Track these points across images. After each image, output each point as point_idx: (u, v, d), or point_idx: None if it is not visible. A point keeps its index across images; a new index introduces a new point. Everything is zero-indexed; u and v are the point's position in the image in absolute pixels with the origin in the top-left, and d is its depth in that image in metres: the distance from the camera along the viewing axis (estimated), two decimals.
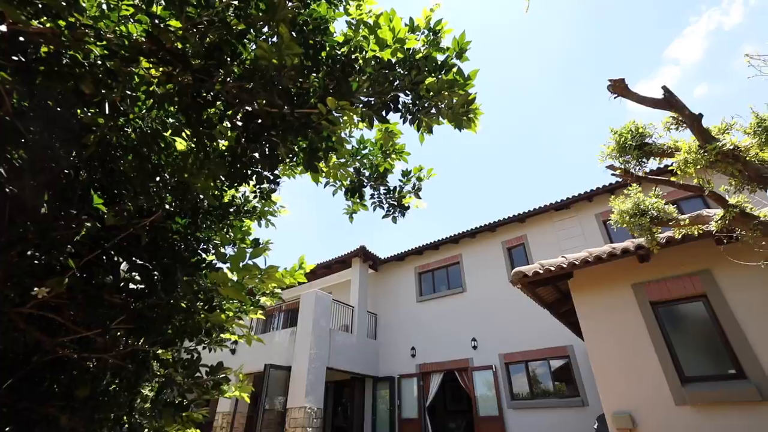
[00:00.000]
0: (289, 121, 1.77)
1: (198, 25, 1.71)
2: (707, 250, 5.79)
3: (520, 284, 7.38)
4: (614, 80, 4.30)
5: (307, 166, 2.07)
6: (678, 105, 4.07)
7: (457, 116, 2.08)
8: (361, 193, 2.68)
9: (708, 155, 3.97)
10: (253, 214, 2.70)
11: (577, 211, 10.55)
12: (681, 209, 8.55)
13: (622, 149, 5.02)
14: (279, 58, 1.55)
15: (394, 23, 1.90)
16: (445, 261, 12.86)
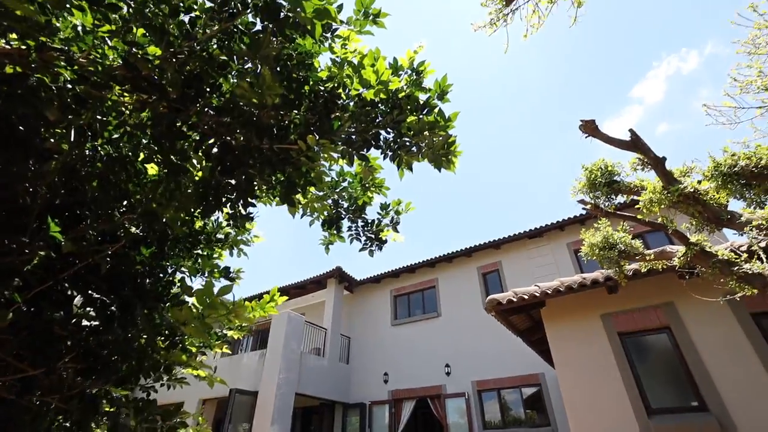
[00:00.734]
0: (268, 156, 1.73)
1: (178, 54, 1.67)
2: (671, 283, 6.04)
3: (495, 312, 7.44)
4: (585, 121, 4.52)
5: (284, 199, 2.02)
6: (643, 148, 4.32)
7: (437, 157, 2.11)
8: (338, 225, 2.64)
9: (671, 196, 4.20)
10: (224, 243, 2.60)
11: (549, 239, 10.85)
12: (646, 241, 8.94)
13: (592, 185, 5.25)
14: (259, 98, 1.52)
15: (378, 65, 1.93)
16: (421, 285, 12.83)
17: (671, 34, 31.65)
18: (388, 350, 12.36)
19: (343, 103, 2.08)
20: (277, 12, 1.64)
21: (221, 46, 1.82)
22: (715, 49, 26.26)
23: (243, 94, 1.50)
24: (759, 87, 4.21)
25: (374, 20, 2.13)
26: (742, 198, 4.83)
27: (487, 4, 3.61)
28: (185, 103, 1.66)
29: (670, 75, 30.35)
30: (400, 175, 2.37)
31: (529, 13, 3.60)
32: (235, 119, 1.58)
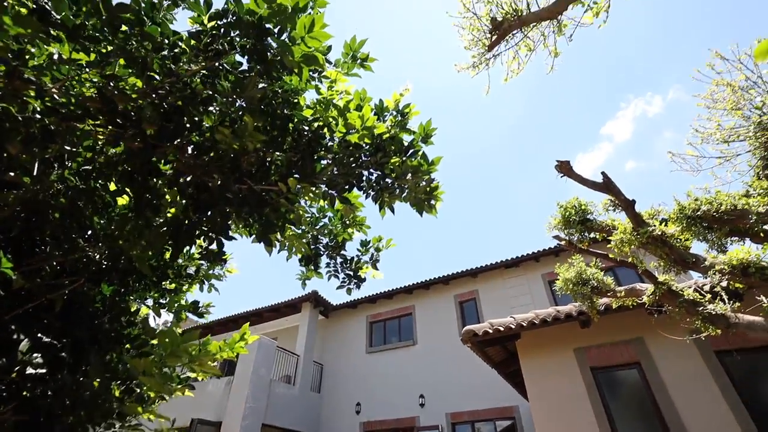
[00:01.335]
0: (246, 196, 1.68)
1: (159, 89, 1.62)
2: (641, 319, 6.20)
3: (470, 343, 7.40)
4: (561, 162, 4.71)
5: (261, 238, 1.96)
6: (615, 190, 4.52)
7: (419, 201, 2.11)
8: (316, 261, 2.57)
9: (640, 238, 4.37)
10: (195, 278, 2.48)
11: (525, 270, 11.03)
12: (617, 276, 9.21)
13: (566, 222, 5.42)
14: (240, 144, 1.49)
15: (364, 111, 1.94)
16: (398, 311, 12.68)
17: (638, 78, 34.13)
18: (362, 379, 12.01)
19: (327, 143, 2.06)
20: (264, 54, 1.63)
21: (205, 82, 1.78)
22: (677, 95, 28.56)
23: (223, 140, 1.47)
24: (718, 139, 4.53)
25: (362, 64, 2.16)
26: (704, 240, 5.08)
27: (470, 47, 3.76)
28: (162, 138, 1.60)
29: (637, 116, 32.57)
30: (382, 214, 2.36)
31: (509, 59, 3.78)
32: (212, 163, 1.54)
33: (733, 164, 4.79)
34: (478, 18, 3.56)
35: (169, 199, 1.76)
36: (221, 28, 1.66)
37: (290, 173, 1.83)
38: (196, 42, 1.62)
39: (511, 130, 34.79)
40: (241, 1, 1.66)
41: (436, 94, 36.91)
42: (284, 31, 1.86)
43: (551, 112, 35.40)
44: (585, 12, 3.14)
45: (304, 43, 1.68)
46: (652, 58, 32.71)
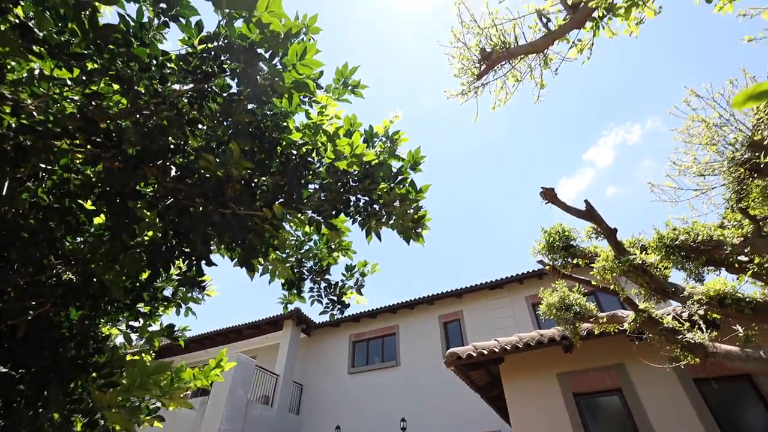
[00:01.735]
0: (228, 222, 1.63)
1: (143, 110, 1.58)
2: (622, 346, 6.24)
3: (454, 366, 7.31)
4: (545, 189, 4.80)
5: (243, 263, 1.89)
6: (597, 218, 4.61)
7: (407, 230, 2.09)
8: (299, 286, 2.51)
9: (622, 266, 4.45)
10: (171, 301, 2.37)
11: (509, 292, 11.07)
12: (599, 301, 9.31)
13: (550, 248, 5.50)
14: (225, 171, 1.45)
15: (353, 139, 1.93)
16: (381, 331, 12.49)
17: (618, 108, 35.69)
18: (343, 400, 11.67)
19: (315, 168, 2.04)
20: (254, 79, 1.62)
21: (192, 103, 1.75)
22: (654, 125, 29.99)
23: (207, 167, 1.43)
24: (694, 172, 4.70)
25: (353, 90, 2.17)
26: (683, 269, 5.21)
27: (460, 75, 3.85)
28: (144, 160, 1.55)
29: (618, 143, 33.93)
30: (368, 240, 2.33)
31: (497, 88, 3.87)
32: (195, 186, 1.49)
33: (708, 197, 4.97)
34: (468, 48, 3.66)
35: (148, 221, 1.69)
36: (212, 51, 1.64)
37: (276, 199, 1.80)
38: (184, 64, 1.60)
39: (498, 153, 35.62)
40: (233, 24, 1.65)
41: (426, 117, 37.63)
42: (276, 56, 1.86)
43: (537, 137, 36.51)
44: (570, 48, 3.26)
45: (296, 69, 1.68)
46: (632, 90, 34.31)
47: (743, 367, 4.17)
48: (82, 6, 1.30)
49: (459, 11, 3.57)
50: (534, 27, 3.40)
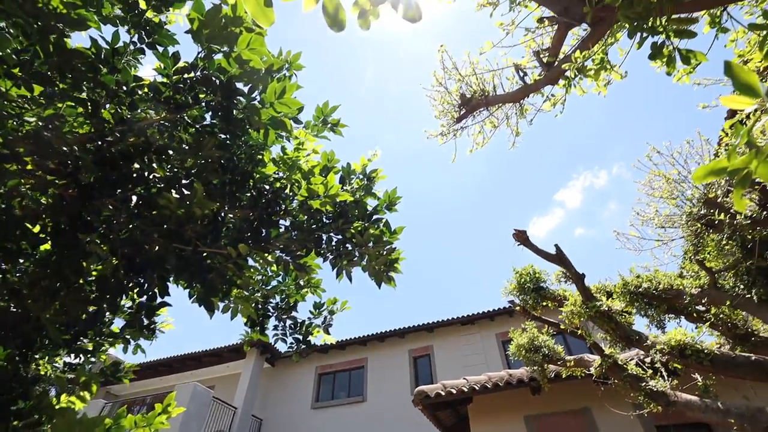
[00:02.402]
0: (187, 259, 1.52)
1: (106, 136, 1.49)
2: (589, 390, 6.25)
3: (422, 405, 7.09)
4: (518, 231, 4.92)
5: (202, 302, 1.77)
6: (566, 263, 4.74)
7: (378, 273, 2.04)
8: (263, 323, 2.37)
9: (589, 311, 4.54)
10: (118, 338, 2.17)
11: (480, 328, 11.03)
12: (567, 343, 9.40)
13: (521, 289, 5.57)
14: (187, 211, 1.37)
15: (328, 178, 1.90)
16: (350, 363, 12.05)
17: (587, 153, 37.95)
18: None
19: (288, 205, 1.98)
20: (229, 113, 1.58)
21: (162, 131, 1.68)
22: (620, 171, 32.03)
23: (167, 206, 1.34)
24: (656, 224, 4.95)
25: (332, 128, 2.16)
26: (645, 316, 5.36)
27: (440, 117, 3.96)
28: (102, 189, 1.44)
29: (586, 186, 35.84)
30: (339, 279, 2.25)
31: (475, 132, 4.00)
32: (153, 223, 1.39)
33: (669, 247, 5.22)
34: (449, 92, 3.79)
35: (100, 255, 1.56)
36: (187, 81, 1.60)
37: (242, 236, 1.71)
38: (155, 93, 1.54)
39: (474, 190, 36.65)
40: (212, 57, 1.62)
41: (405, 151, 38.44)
42: (255, 89, 1.84)
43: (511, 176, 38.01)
44: (544, 102, 3.43)
45: (273, 108, 1.65)
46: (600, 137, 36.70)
47: (702, 417, 4.23)
48: (48, 29, 1.24)
49: (442, 58, 3.72)
50: (512, 79, 3.58)
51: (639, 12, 2.19)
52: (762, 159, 1.10)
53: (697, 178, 1.29)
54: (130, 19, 1.65)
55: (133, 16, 1.63)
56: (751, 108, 1.08)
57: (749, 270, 4.52)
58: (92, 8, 1.86)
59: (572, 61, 2.69)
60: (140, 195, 1.56)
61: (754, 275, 4.51)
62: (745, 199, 1.03)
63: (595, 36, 2.78)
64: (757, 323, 5.02)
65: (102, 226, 1.49)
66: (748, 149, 1.13)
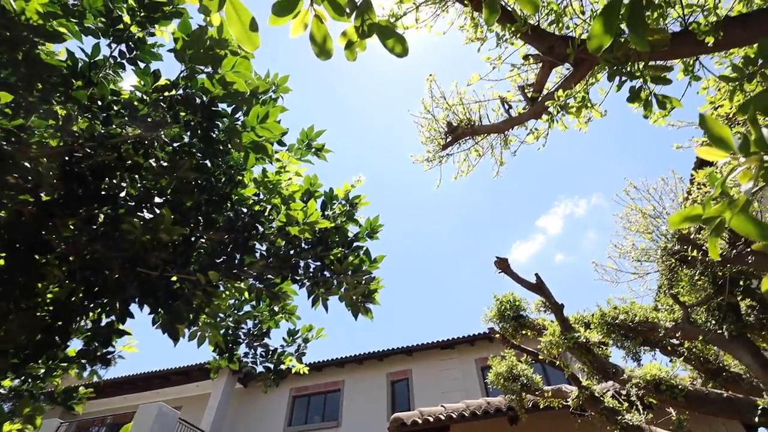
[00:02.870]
0: (152, 285, 1.44)
1: (75, 152, 1.42)
2: (566, 421, 6.19)
3: None
4: (499, 258, 4.95)
5: (166, 329, 1.66)
6: (546, 293, 4.77)
7: (355, 304, 1.98)
8: (232, 351, 2.26)
9: (567, 342, 4.55)
10: (73, 363, 2.01)
11: (460, 353, 10.91)
12: (546, 371, 9.37)
13: (501, 316, 5.56)
14: (152, 236, 1.31)
15: (309, 205, 1.86)
16: (325, 386, 11.67)
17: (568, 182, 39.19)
18: None
19: (266, 228, 1.92)
20: (209, 135, 1.53)
21: (137, 148, 1.61)
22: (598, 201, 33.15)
23: (131, 230, 1.27)
24: (633, 257, 5.06)
25: (316, 152, 2.14)
26: (622, 347, 5.41)
27: (426, 143, 4.01)
28: (66, 206, 1.36)
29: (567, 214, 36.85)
30: (315, 307, 2.18)
31: (460, 159, 4.06)
32: (115, 250, 1.31)
33: (645, 280, 5.33)
34: (436, 120, 3.85)
35: (57, 276, 1.46)
36: (167, 99, 1.55)
37: (214, 263, 1.64)
38: (131, 110, 1.49)
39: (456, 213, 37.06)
40: (195, 76, 1.59)
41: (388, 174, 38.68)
42: (239, 110, 1.80)
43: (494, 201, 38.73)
44: (528, 134, 3.51)
45: (255, 132, 1.62)
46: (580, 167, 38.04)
47: None
48: (19, 40, 1.18)
49: (430, 87, 3.79)
50: (497, 110, 3.66)
51: (618, 57, 2.28)
52: (736, 210, 1.13)
53: (673, 223, 1.31)
54: (112, 33, 1.61)
55: (115, 30, 1.59)
56: (725, 160, 1.11)
57: (720, 306, 4.64)
58: (74, 19, 1.82)
59: (555, 99, 2.77)
60: (107, 215, 1.48)
61: (725, 311, 4.63)
62: (717, 240, 1.06)
63: (578, 76, 2.88)
64: (728, 358, 5.12)
65: (61, 247, 1.39)
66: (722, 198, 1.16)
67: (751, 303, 4.80)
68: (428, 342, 10.91)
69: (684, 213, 1.27)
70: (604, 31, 1.02)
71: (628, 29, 0.91)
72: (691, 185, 4.87)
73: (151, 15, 1.62)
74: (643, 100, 2.44)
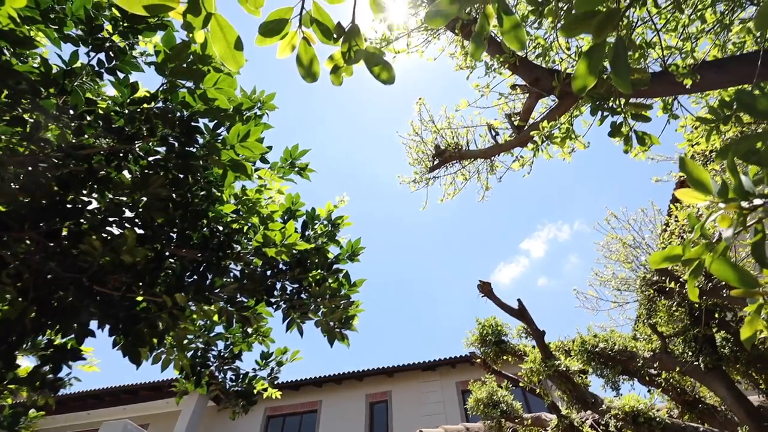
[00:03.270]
0: (114, 305, 1.34)
1: (41, 161, 1.34)
2: None
3: None
4: (483, 282, 4.94)
5: (127, 352, 1.56)
6: (527, 319, 4.76)
7: (331, 330, 1.91)
8: (200, 374, 2.13)
9: (548, 370, 4.53)
10: (23, 385, 1.85)
11: (441, 375, 10.74)
12: (526, 397, 9.29)
13: (483, 341, 5.51)
14: (114, 257, 1.23)
15: (287, 226, 1.81)
16: (302, 406, 11.28)
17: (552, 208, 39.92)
18: None
19: (243, 247, 1.85)
20: (185, 151, 1.48)
21: (110, 161, 1.54)
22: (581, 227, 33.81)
23: (90, 251, 1.19)
24: (613, 286, 5.12)
25: (299, 172, 2.10)
26: (601, 376, 5.40)
27: (414, 165, 4.03)
28: (24, 220, 1.27)
29: (550, 238, 37.45)
30: (289, 330, 2.09)
31: (447, 183, 4.08)
32: (73, 270, 1.23)
33: (624, 309, 5.38)
34: (424, 142, 3.89)
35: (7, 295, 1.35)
36: (144, 112, 1.49)
37: (182, 284, 1.56)
38: (103, 122, 1.42)
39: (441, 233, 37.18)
40: (176, 90, 1.54)
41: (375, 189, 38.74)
42: (221, 126, 1.76)
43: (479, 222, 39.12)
44: (513, 161, 3.56)
45: (234, 150, 1.57)
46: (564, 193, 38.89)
47: None
48: None
49: (420, 110, 3.83)
50: (484, 136, 3.72)
51: (601, 93, 2.34)
52: (716, 256, 1.13)
53: (654, 262, 1.31)
54: (92, 41, 1.56)
55: (95, 39, 1.54)
56: (704, 204, 1.11)
57: (696, 338, 4.70)
58: (53, 25, 1.76)
59: (540, 129, 2.82)
60: (70, 230, 1.39)
61: (701, 343, 4.69)
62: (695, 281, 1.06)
63: (562, 108, 2.95)
64: (704, 390, 5.16)
65: (15, 263, 1.30)
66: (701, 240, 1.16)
67: (726, 335, 4.88)
68: (409, 363, 10.72)
69: (664, 253, 1.27)
70: (588, 72, 1.02)
71: (611, 71, 0.91)
72: (668, 217, 5.01)
73: (134, 26, 1.58)
74: (624, 135, 2.51)
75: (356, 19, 1.24)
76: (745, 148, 1.07)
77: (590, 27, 0.95)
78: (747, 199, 1.01)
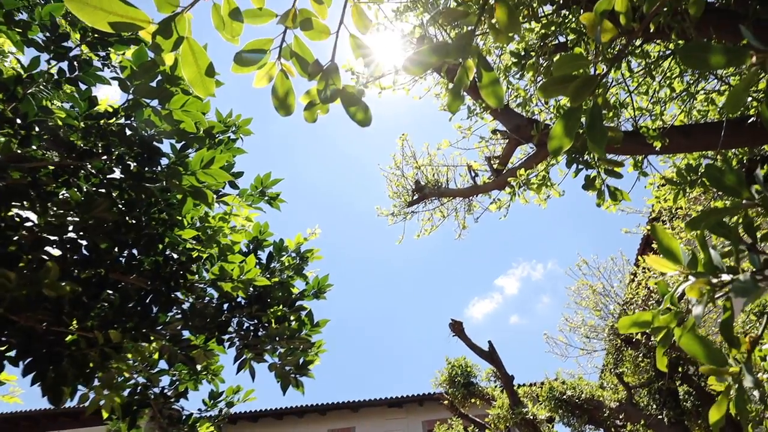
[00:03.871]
0: (34, 339, 1.18)
1: None
2: None
3: None
4: (454, 321, 4.86)
5: (46, 391, 1.37)
6: (497, 362, 4.68)
7: (286, 376, 1.77)
8: (136, 414, 1.91)
9: (515, 417, 4.42)
10: None
11: (407, 412, 10.36)
12: None
13: (452, 382, 5.37)
14: (33, 291, 1.09)
15: (248, 260, 1.69)
16: None
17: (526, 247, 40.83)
18: None
19: (200, 275, 1.71)
20: (142, 173, 1.37)
21: (57, 176, 1.41)
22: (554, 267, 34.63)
23: (4, 285, 1.05)
24: (582, 333, 5.14)
25: (269, 201, 2.01)
26: (568, 425, 5.31)
27: (393, 198, 4.01)
28: None
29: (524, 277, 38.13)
30: (241, 371, 1.92)
31: (425, 218, 4.06)
32: None
33: (592, 357, 5.39)
34: (405, 177, 3.89)
35: None
36: (101, 129, 1.39)
37: (119, 319, 1.40)
38: (51, 135, 1.31)
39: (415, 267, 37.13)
40: (140, 107, 1.45)
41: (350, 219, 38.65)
42: (188, 148, 1.67)
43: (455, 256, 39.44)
44: (491, 203, 3.58)
45: (196, 176, 1.48)
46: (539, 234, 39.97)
47: None
48: None
49: (402, 145, 3.86)
50: (464, 176, 3.75)
51: (576, 147, 2.40)
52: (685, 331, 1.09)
53: (623, 327, 1.27)
54: (54, 49, 1.47)
55: (58, 47, 1.45)
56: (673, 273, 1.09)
57: (661, 390, 4.72)
58: (17, 29, 1.66)
59: (517, 176, 2.86)
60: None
61: (665, 396, 4.71)
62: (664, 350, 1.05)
63: (540, 156, 3.01)
64: None
65: None
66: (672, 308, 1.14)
67: (689, 389, 4.93)
68: (375, 398, 10.30)
69: (633, 318, 1.23)
70: (565, 134, 1.00)
71: (587, 136, 0.89)
72: (636, 268, 5.15)
73: (105, 38, 1.50)
74: (597, 188, 2.57)
75: (335, 58, 1.20)
76: (713, 221, 1.06)
77: (567, 91, 0.94)
78: (716, 275, 0.99)
